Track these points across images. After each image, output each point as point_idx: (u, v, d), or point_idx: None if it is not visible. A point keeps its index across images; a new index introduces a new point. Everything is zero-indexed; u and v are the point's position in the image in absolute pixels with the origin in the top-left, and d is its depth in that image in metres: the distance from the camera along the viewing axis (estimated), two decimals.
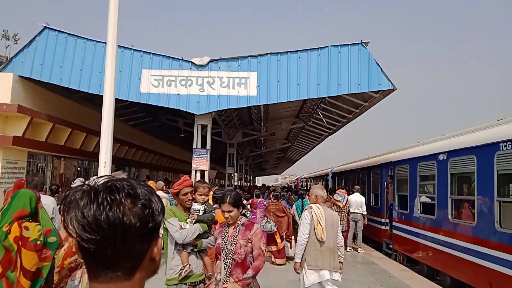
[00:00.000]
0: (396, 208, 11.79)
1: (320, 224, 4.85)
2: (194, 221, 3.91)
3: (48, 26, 12.23)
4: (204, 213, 4.01)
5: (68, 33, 12.20)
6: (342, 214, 11.37)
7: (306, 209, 5.19)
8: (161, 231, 1.17)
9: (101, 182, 0.91)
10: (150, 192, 0.94)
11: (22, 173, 12.20)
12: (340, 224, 5.64)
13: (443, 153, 8.85)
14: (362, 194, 13.06)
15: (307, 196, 11.94)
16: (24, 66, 12.07)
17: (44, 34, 12.23)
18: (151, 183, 10.96)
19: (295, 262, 5.09)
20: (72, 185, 8.36)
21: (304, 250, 4.94)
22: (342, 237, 5.18)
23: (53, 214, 5.39)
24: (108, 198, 0.86)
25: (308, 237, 4.90)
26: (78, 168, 16.85)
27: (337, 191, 12.56)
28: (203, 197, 4.11)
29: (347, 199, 11.98)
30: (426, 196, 10.13)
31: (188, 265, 3.77)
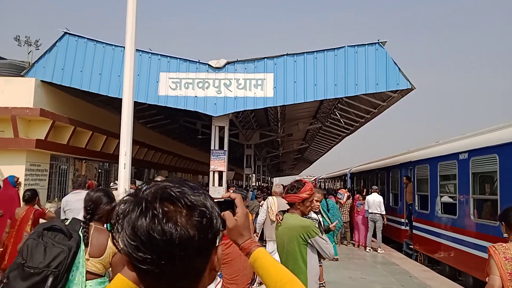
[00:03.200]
0: (417, 208, 11.63)
1: (272, 209, 7.16)
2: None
3: (68, 31, 12.50)
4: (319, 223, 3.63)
5: (87, 38, 12.45)
6: (344, 209, 12.95)
7: (267, 199, 7.70)
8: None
9: (150, 190, 0.81)
10: (205, 197, 0.84)
11: (45, 175, 12.51)
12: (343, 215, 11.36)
13: (464, 152, 8.69)
14: (381, 194, 12.93)
15: (331, 196, 12.10)
16: (45, 71, 12.37)
17: (64, 40, 12.51)
18: None
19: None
20: (111, 187, 8.37)
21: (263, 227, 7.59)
22: None
23: None
24: (161, 210, 0.76)
25: (265, 218, 7.41)
26: (99, 170, 17.15)
27: (338, 191, 13.99)
28: (318, 204, 3.77)
29: (347, 196, 13.17)
30: (448, 196, 9.97)
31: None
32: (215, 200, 1.16)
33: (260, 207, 9.21)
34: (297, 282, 1.13)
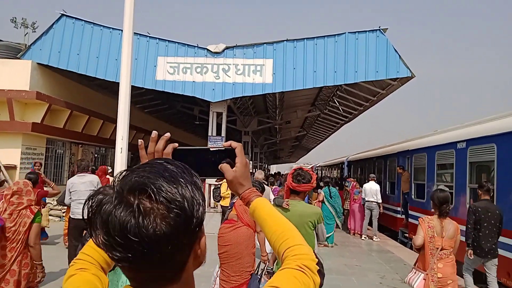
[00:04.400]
0: (413, 197, 11.67)
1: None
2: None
3: (65, 13, 12.33)
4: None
5: (85, 21, 12.28)
6: (348, 195, 13.25)
7: None
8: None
9: (126, 183, 0.74)
10: (185, 186, 0.76)
11: (41, 159, 12.45)
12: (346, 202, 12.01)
13: (462, 141, 8.68)
14: (378, 182, 12.96)
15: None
16: (42, 53, 12.23)
17: (61, 22, 12.34)
18: None
19: None
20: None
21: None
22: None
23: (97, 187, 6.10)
24: (136, 207, 0.70)
25: None
26: (96, 155, 17.11)
27: (347, 179, 14.44)
28: None
29: (354, 185, 13.12)
30: (444, 185, 9.99)
31: None
32: (215, 149, 1.11)
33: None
34: (295, 231, 1.10)
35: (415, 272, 4.39)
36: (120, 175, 0.77)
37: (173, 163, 0.82)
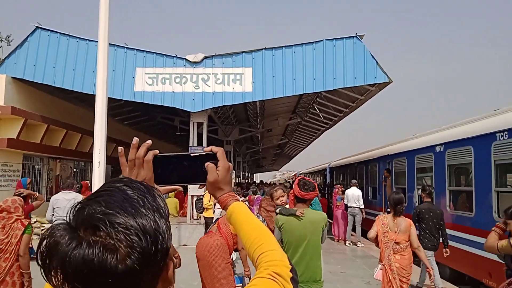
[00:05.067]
0: None
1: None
2: None
3: (40, 26, 12.11)
4: None
5: (60, 33, 12.08)
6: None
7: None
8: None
9: (78, 217, 0.69)
10: (148, 212, 0.71)
11: (17, 176, 12.13)
12: None
13: (440, 144, 8.82)
14: (361, 188, 13.05)
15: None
16: (17, 67, 11.97)
17: (36, 34, 12.12)
18: None
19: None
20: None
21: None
22: None
23: None
24: (93, 245, 0.66)
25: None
26: (74, 169, 16.77)
27: (334, 186, 14.38)
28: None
29: (336, 192, 13.24)
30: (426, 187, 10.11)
31: None
32: (196, 155, 1.09)
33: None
34: (270, 236, 1.08)
35: (376, 269, 5.00)
36: (74, 209, 0.72)
37: (135, 186, 0.76)
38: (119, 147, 1.11)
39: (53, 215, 6.55)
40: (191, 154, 1.11)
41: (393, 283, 4.70)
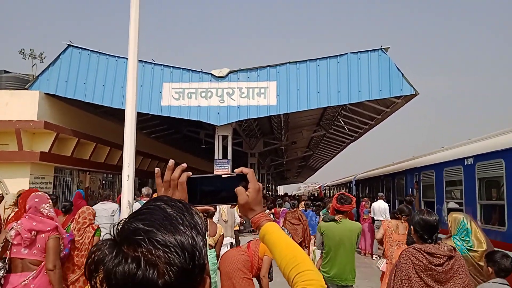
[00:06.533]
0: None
1: (224, 211, 8.07)
2: None
3: (72, 44, 12.60)
4: None
5: (91, 50, 12.53)
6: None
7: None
8: None
9: (122, 234, 0.74)
10: (186, 229, 0.76)
11: (49, 188, 12.51)
12: None
13: (470, 157, 8.61)
14: (387, 201, 12.83)
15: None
16: (49, 83, 12.45)
17: (68, 52, 12.60)
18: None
19: None
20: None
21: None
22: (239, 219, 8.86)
23: (118, 215, 7.67)
24: (136, 261, 0.70)
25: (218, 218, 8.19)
26: (103, 182, 17.16)
27: (362, 199, 14.31)
28: None
29: (363, 205, 13.34)
30: (454, 202, 9.86)
31: None
32: (227, 176, 1.13)
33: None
34: (305, 256, 1.10)
35: (380, 259, 6.17)
36: (118, 225, 0.77)
37: (174, 204, 0.81)
38: (155, 168, 1.16)
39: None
40: (222, 176, 1.13)
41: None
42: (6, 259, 3.48)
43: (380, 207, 12.05)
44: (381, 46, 11.26)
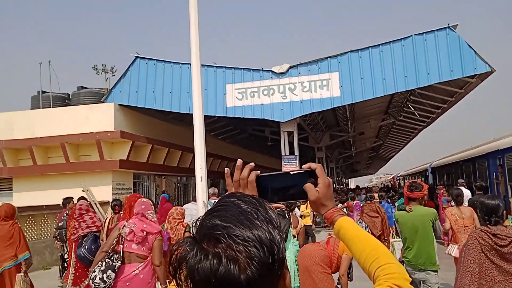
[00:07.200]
0: (510, 200, 10.64)
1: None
2: None
3: (139, 55, 13.31)
4: None
5: (156, 59, 13.15)
6: None
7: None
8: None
9: (201, 231, 0.76)
10: (262, 224, 0.76)
11: (129, 193, 13.33)
12: None
13: None
14: (468, 188, 12.04)
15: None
16: (122, 95, 13.27)
17: (136, 64, 13.33)
18: None
19: None
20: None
21: None
22: None
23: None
24: (217, 256, 0.72)
25: None
26: (178, 184, 17.93)
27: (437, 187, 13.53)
28: None
29: (441, 193, 12.52)
30: None
31: None
32: (296, 172, 1.12)
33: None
34: (384, 248, 1.07)
35: (451, 246, 6.22)
36: (196, 222, 0.79)
37: (247, 200, 0.82)
38: (225, 168, 1.19)
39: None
40: (291, 172, 1.13)
41: None
42: (121, 252, 3.96)
43: (465, 194, 11.35)
44: (448, 24, 10.58)
